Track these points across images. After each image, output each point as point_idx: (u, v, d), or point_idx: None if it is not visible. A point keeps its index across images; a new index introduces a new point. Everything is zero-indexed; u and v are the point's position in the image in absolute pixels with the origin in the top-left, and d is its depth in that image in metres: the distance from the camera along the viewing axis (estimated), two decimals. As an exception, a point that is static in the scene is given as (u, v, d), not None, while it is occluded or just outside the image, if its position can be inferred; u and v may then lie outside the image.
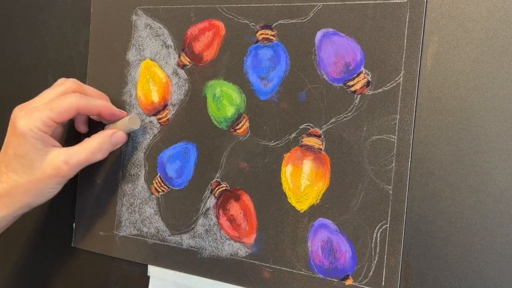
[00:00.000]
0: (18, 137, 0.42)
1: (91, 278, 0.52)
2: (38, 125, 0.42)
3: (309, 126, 0.41)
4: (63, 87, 0.45)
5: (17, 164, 0.42)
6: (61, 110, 0.43)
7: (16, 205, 0.44)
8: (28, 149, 0.42)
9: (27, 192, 0.43)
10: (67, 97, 0.43)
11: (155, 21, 0.48)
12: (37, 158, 0.42)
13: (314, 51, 0.41)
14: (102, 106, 0.46)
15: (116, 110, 0.47)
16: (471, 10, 0.36)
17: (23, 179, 0.43)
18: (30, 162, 0.42)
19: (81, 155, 0.44)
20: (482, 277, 0.35)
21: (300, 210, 0.41)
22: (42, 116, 0.42)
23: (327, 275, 0.40)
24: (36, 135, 0.42)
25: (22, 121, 0.41)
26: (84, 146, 0.44)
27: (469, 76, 0.36)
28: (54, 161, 0.43)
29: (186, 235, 0.46)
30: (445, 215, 0.37)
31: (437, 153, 0.37)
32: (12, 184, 0.43)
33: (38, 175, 0.43)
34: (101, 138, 0.45)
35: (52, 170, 0.43)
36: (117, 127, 0.47)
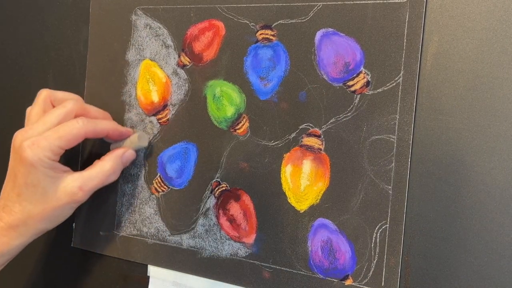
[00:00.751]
0: (27, 167, 0.41)
1: (91, 278, 0.52)
2: (48, 155, 0.41)
3: (309, 126, 0.41)
4: (64, 109, 0.44)
5: (30, 194, 0.42)
6: (70, 138, 0.42)
7: (31, 233, 0.44)
8: (40, 178, 0.41)
9: (43, 220, 0.43)
10: (73, 124, 0.43)
11: (154, 21, 0.48)
12: (50, 186, 0.42)
13: (314, 51, 0.41)
14: (110, 129, 0.45)
15: (123, 130, 0.47)
16: (471, 10, 0.36)
17: (38, 208, 0.42)
18: (43, 191, 0.42)
19: (95, 180, 0.44)
20: (482, 277, 0.35)
21: (300, 210, 0.41)
22: (51, 145, 0.41)
23: (326, 275, 0.40)
24: (46, 165, 0.41)
25: (31, 152, 0.41)
26: (98, 170, 0.44)
27: (469, 76, 0.36)
28: (69, 188, 0.43)
29: (186, 235, 0.46)
30: (445, 215, 0.37)
31: (437, 153, 0.37)
32: (27, 213, 0.42)
33: (53, 203, 0.42)
34: (113, 160, 0.45)
35: (68, 197, 0.43)
36: (126, 145, 0.47)
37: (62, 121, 0.43)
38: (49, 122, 0.43)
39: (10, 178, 0.43)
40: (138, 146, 0.47)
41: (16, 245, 0.44)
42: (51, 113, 0.43)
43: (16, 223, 0.42)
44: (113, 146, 0.48)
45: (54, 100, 0.46)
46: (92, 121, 0.44)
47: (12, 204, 0.42)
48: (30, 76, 0.56)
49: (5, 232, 0.43)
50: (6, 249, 0.43)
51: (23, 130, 0.43)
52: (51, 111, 0.44)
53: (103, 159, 0.45)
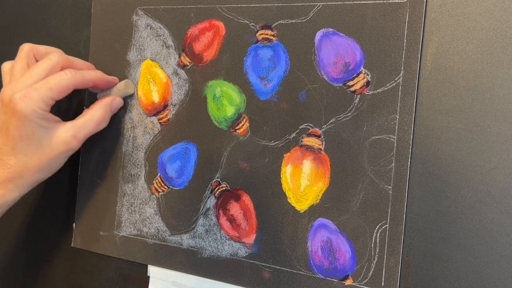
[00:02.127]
0: (21, 119, 0.42)
1: (91, 278, 0.52)
2: (41, 106, 0.42)
3: (309, 126, 0.41)
4: (50, 62, 0.44)
5: (25, 145, 0.42)
6: (61, 89, 0.43)
7: (27, 184, 0.44)
8: (34, 129, 0.42)
9: (39, 171, 0.44)
10: (62, 75, 0.43)
11: (155, 21, 0.48)
12: (45, 136, 0.43)
13: (314, 51, 0.41)
14: (97, 78, 0.46)
15: (109, 78, 0.48)
16: (471, 10, 0.36)
17: (34, 159, 0.43)
18: (38, 142, 0.43)
19: (87, 128, 0.45)
20: (482, 277, 0.35)
21: (300, 210, 0.41)
22: (42, 97, 0.42)
23: (326, 275, 0.40)
24: (40, 115, 0.42)
25: (23, 104, 0.41)
26: (89, 118, 0.45)
27: (469, 76, 0.36)
28: (63, 137, 0.43)
29: (186, 235, 0.46)
30: (445, 215, 0.37)
31: (437, 153, 0.37)
32: (22, 165, 0.43)
33: (48, 153, 0.43)
34: (103, 108, 0.46)
35: (62, 146, 0.44)
36: (113, 93, 0.48)
37: (49, 74, 0.44)
38: (36, 74, 0.43)
39: (2, 133, 0.43)
40: (125, 93, 0.48)
41: (13, 197, 0.44)
42: (38, 65, 0.44)
43: (12, 176, 0.43)
44: (100, 95, 0.49)
45: (37, 54, 0.47)
46: (80, 72, 0.45)
47: (7, 157, 0.43)
48: (30, 76, 0.57)
49: (1, 186, 0.43)
50: (3, 201, 0.44)
51: (11, 84, 0.43)
52: (37, 64, 0.44)
53: (93, 107, 0.46)
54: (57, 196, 0.55)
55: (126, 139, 0.50)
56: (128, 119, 0.50)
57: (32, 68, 0.44)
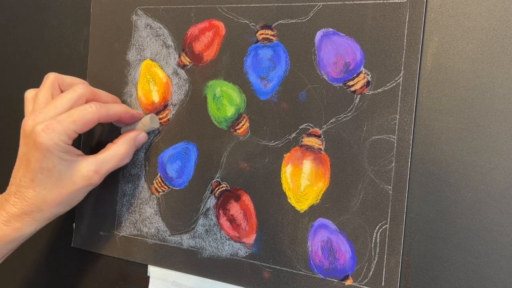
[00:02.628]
0: (42, 151, 0.40)
1: (91, 278, 0.52)
2: (63, 139, 0.41)
3: (309, 126, 0.41)
4: (76, 93, 0.43)
5: (45, 178, 0.41)
6: (85, 122, 0.42)
7: (45, 218, 0.43)
8: (56, 162, 0.41)
9: (58, 205, 0.43)
10: (87, 108, 0.42)
11: (155, 21, 0.48)
12: (66, 170, 0.42)
13: (314, 51, 0.41)
14: (122, 112, 0.45)
15: (134, 112, 0.47)
16: (471, 10, 0.36)
17: (53, 193, 0.42)
18: (58, 175, 0.42)
19: (110, 163, 0.44)
20: (482, 277, 0.35)
21: (300, 210, 0.41)
22: (65, 130, 0.41)
23: (327, 275, 0.40)
24: (62, 148, 0.41)
25: (46, 136, 0.40)
26: (112, 153, 0.44)
27: (469, 76, 0.36)
28: (85, 171, 0.42)
29: (186, 235, 0.46)
30: (445, 215, 0.37)
31: (437, 153, 0.37)
32: (41, 199, 0.42)
33: (69, 187, 0.42)
34: (127, 143, 0.45)
35: (84, 181, 0.42)
36: (138, 128, 0.47)
37: (74, 106, 0.42)
38: (60, 106, 0.42)
39: (22, 164, 0.42)
40: (150, 128, 0.47)
41: (30, 230, 0.43)
42: (62, 96, 0.43)
43: (31, 209, 0.42)
44: (123, 129, 0.48)
45: (62, 84, 0.46)
46: (105, 105, 0.44)
47: (26, 190, 0.42)
48: (30, 76, 0.57)
49: (19, 218, 0.42)
50: (19, 234, 0.43)
51: (33, 115, 0.42)
52: (62, 95, 0.43)
53: (117, 142, 0.45)
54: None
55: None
56: (128, 119, 0.50)
57: (56, 99, 0.43)
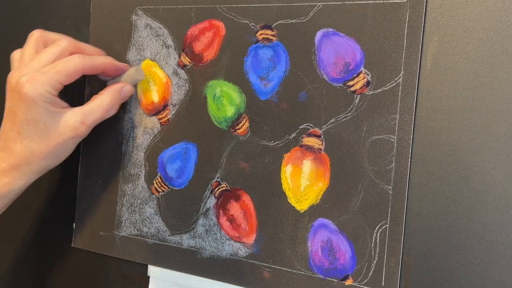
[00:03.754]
0: (27, 102, 0.40)
1: (91, 278, 0.52)
2: (48, 89, 0.41)
3: (309, 126, 0.41)
4: (59, 48, 0.43)
5: (31, 130, 0.41)
6: (69, 73, 0.42)
7: (34, 172, 0.43)
8: (41, 113, 0.41)
9: (46, 157, 0.43)
10: (71, 59, 0.42)
11: (155, 21, 0.48)
12: (52, 121, 0.42)
13: (314, 51, 0.41)
14: (107, 64, 0.45)
15: (119, 64, 0.47)
16: (471, 10, 0.36)
17: (41, 145, 0.42)
18: (45, 126, 0.41)
19: (96, 114, 0.44)
20: (482, 277, 0.35)
21: (300, 210, 0.41)
22: (50, 80, 0.41)
23: (327, 275, 0.40)
24: (47, 99, 0.41)
25: (30, 87, 0.40)
26: (98, 104, 0.44)
27: (469, 76, 0.36)
28: (71, 122, 0.42)
29: (186, 235, 0.46)
30: (445, 215, 0.37)
31: (437, 153, 0.37)
32: (29, 152, 0.42)
33: (55, 138, 0.42)
34: (112, 94, 0.45)
35: (70, 131, 0.42)
36: (123, 80, 0.47)
37: (58, 59, 0.43)
38: (44, 59, 0.42)
39: (8, 118, 0.42)
40: (135, 80, 0.47)
41: (20, 185, 0.43)
42: (46, 51, 0.43)
43: (19, 162, 0.42)
44: (110, 82, 0.48)
45: (46, 41, 0.46)
46: (89, 57, 0.44)
47: (13, 143, 0.42)
48: (30, 76, 0.56)
49: (7, 173, 0.42)
50: (9, 189, 0.43)
51: (18, 69, 0.42)
52: (45, 49, 0.43)
53: (102, 93, 0.45)
54: (57, 196, 0.55)
55: (126, 139, 0.50)
56: (128, 119, 0.50)
57: (40, 53, 0.43)
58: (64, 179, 0.54)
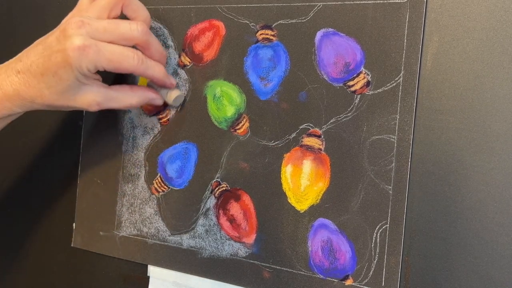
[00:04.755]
0: (65, 62, 0.39)
1: (91, 278, 0.52)
2: (90, 67, 0.40)
3: (309, 126, 0.41)
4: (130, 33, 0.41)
5: (54, 82, 0.40)
6: (118, 67, 0.41)
7: (31, 109, 0.43)
8: (71, 79, 0.40)
9: (49, 106, 0.43)
10: (129, 58, 0.41)
11: (155, 21, 0.48)
12: (74, 88, 0.41)
13: (314, 51, 0.41)
14: (155, 78, 0.44)
15: (167, 82, 0.45)
16: (471, 10, 0.36)
17: (52, 97, 0.41)
18: (66, 88, 0.41)
19: (115, 104, 0.43)
20: (482, 277, 0.35)
21: (300, 210, 0.41)
22: (97, 62, 0.40)
23: (327, 275, 0.40)
24: (84, 73, 0.40)
25: (77, 54, 0.39)
26: (123, 98, 0.44)
27: (469, 76, 0.36)
28: (89, 99, 0.42)
29: (186, 235, 0.46)
30: (445, 215, 0.37)
31: (437, 153, 0.37)
32: (39, 94, 0.41)
33: (68, 101, 0.42)
34: (141, 98, 0.44)
35: (83, 105, 0.42)
36: (161, 92, 0.46)
37: (121, 43, 0.41)
38: (109, 33, 0.40)
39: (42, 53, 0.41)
40: (169, 103, 0.46)
41: (17, 112, 0.44)
42: (117, 26, 0.41)
43: (26, 96, 0.42)
44: (150, 82, 0.47)
45: (127, 5, 0.44)
46: (146, 64, 0.42)
47: (32, 77, 0.41)
48: (30, 76, 0.56)
49: (11, 98, 0.42)
50: (7, 113, 0.43)
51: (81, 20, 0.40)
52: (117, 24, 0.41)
53: (134, 91, 0.44)
54: (57, 196, 0.55)
55: (126, 139, 0.50)
56: (128, 119, 0.50)
57: (111, 23, 0.41)
58: (64, 179, 0.54)
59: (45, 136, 0.55)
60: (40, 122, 0.56)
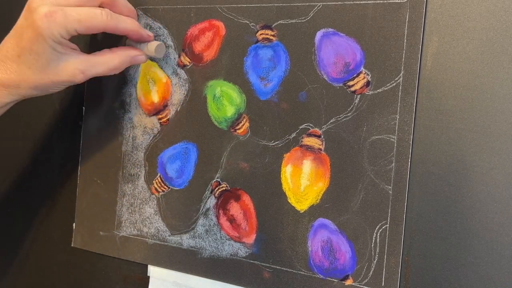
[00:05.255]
0: (37, 34, 0.39)
1: (91, 278, 0.52)
2: (61, 32, 0.39)
3: (309, 126, 0.41)
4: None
5: (32, 60, 0.40)
6: (89, 26, 0.41)
7: (20, 96, 0.43)
8: (46, 49, 0.40)
9: (36, 87, 0.42)
10: (97, 14, 0.41)
11: (155, 21, 0.48)
12: (54, 60, 0.41)
13: (314, 51, 0.41)
14: (130, 31, 0.44)
15: (144, 34, 0.45)
16: (471, 10, 0.36)
17: (35, 76, 0.41)
18: (46, 62, 0.41)
19: (99, 69, 0.43)
20: (482, 277, 0.35)
21: (300, 210, 0.41)
22: (68, 25, 0.39)
23: (327, 275, 0.40)
24: (57, 40, 0.40)
25: (46, 22, 0.39)
26: (105, 60, 0.43)
27: (469, 76, 0.36)
28: (71, 68, 0.42)
29: (186, 235, 0.46)
30: (445, 215, 0.37)
31: (437, 153, 0.37)
32: (22, 76, 0.41)
33: (51, 76, 0.41)
34: (123, 58, 0.44)
35: (67, 76, 0.42)
36: (141, 48, 0.46)
37: (87, 3, 0.41)
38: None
39: (15, 35, 0.41)
40: (154, 55, 0.46)
41: (5, 102, 0.43)
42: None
43: (9, 82, 0.41)
44: (129, 42, 0.47)
45: None
46: (116, 18, 0.42)
47: (10, 63, 0.41)
48: (30, 76, 0.56)
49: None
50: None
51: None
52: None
53: (114, 52, 0.44)
54: (57, 196, 0.55)
55: (125, 139, 0.50)
56: (127, 119, 0.50)
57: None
58: (64, 179, 0.54)
59: (45, 136, 0.55)
60: (40, 122, 0.56)
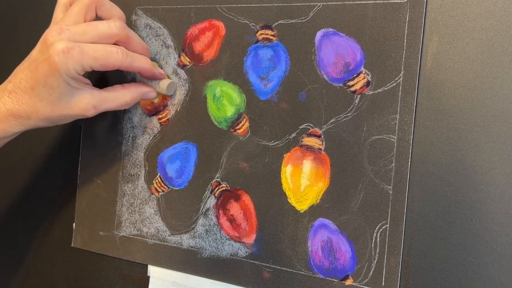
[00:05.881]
0: (52, 69, 0.40)
1: (91, 278, 0.52)
2: (77, 69, 0.40)
3: (309, 126, 0.41)
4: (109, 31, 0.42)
5: (45, 93, 0.41)
6: (105, 64, 0.41)
7: (30, 127, 0.43)
8: (61, 84, 0.40)
9: (46, 119, 0.42)
10: (113, 53, 0.41)
11: (155, 21, 0.48)
12: (67, 94, 0.41)
13: (314, 51, 0.41)
14: (144, 69, 0.45)
15: (156, 73, 0.46)
16: (471, 10, 0.36)
17: (47, 109, 0.42)
18: (59, 96, 0.41)
19: (110, 104, 0.44)
20: (482, 277, 0.35)
21: (300, 210, 0.41)
22: (84, 62, 0.40)
23: (327, 275, 0.40)
24: (72, 76, 0.40)
25: (62, 58, 0.39)
26: (117, 97, 0.44)
27: (469, 76, 0.36)
28: (84, 103, 0.42)
29: (186, 235, 0.46)
30: (445, 215, 0.37)
31: (437, 153, 0.37)
32: (34, 109, 0.41)
33: (63, 110, 0.42)
34: (135, 94, 0.45)
35: (79, 111, 0.42)
36: (153, 85, 0.46)
37: (102, 41, 0.42)
38: (89, 35, 0.41)
39: (29, 67, 0.42)
40: (164, 93, 0.47)
41: (13, 133, 0.43)
42: (95, 27, 0.41)
43: (20, 113, 0.42)
44: (139, 78, 0.47)
45: (100, 7, 0.44)
46: (131, 56, 0.43)
47: (23, 94, 0.41)
48: (30, 76, 0.56)
49: (5, 119, 0.42)
50: (2, 135, 0.43)
51: (61, 28, 0.41)
52: (96, 25, 0.42)
53: (126, 88, 0.45)
54: (57, 196, 0.55)
55: (125, 139, 0.50)
56: (127, 119, 0.50)
57: (89, 25, 0.41)
58: (64, 179, 0.54)
59: (45, 136, 0.56)
60: (40, 122, 0.56)
